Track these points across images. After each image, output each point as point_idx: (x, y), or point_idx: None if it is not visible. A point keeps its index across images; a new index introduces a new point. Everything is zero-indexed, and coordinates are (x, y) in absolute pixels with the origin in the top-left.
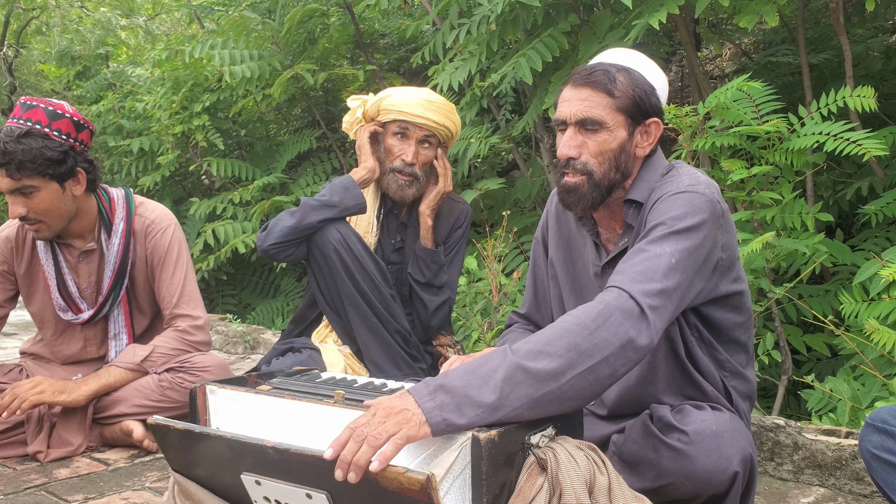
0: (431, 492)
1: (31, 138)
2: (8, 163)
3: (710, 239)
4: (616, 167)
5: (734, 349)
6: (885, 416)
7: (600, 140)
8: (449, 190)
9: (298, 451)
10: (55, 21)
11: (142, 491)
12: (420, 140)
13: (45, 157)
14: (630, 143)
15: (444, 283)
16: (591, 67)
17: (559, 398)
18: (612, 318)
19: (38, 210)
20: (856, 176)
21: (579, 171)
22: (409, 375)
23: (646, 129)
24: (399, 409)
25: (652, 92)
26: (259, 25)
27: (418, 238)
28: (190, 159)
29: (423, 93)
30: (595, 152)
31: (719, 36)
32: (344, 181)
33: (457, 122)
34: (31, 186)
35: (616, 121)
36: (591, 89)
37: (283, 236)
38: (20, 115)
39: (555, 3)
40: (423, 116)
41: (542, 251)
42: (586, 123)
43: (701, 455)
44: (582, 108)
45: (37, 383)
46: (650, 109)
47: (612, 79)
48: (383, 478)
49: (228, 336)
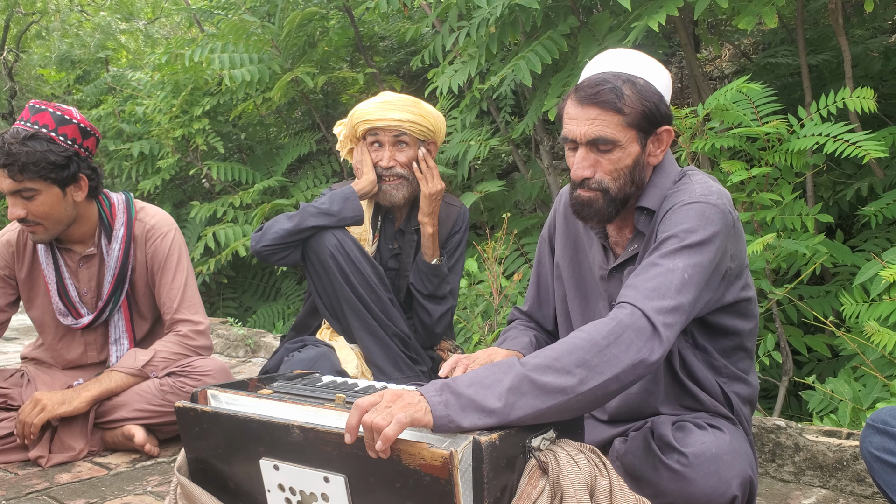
0: (453, 468)
1: (36, 141)
2: (11, 164)
3: (721, 250)
4: (631, 181)
5: (741, 356)
6: (885, 417)
7: (614, 158)
8: (436, 190)
9: (325, 429)
10: (55, 25)
11: (143, 495)
12: (392, 142)
13: (48, 161)
14: (643, 155)
15: (447, 293)
16: (596, 84)
17: (565, 410)
18: (623, 335)
19: (38, 213)
20: (856, 177)
21: (594, 189)
22: (410, 378)
23: (657, 138)
24: (406, 396)
25: (660, 100)
26: (258, 29)
27: (416, 245)
28: (190, 163)
29: (381, 96)
30: (609, 170)
31: (718, 37)
32: (345, 191)
33: (427, 116)
34: (33, 189)
35: (628, 137)
36: (599, 109)
37: (278, 239)
38: (28, 117)
39: (554, 5)
40: (384, 118)
41: (547, 250)
42: (598, 143)
43: (700, 478)
44: (592, 128)
45: (36, 403)
46: (661, 118)
47: (620, 95)
48: (406, 454)
49: (229, 340)
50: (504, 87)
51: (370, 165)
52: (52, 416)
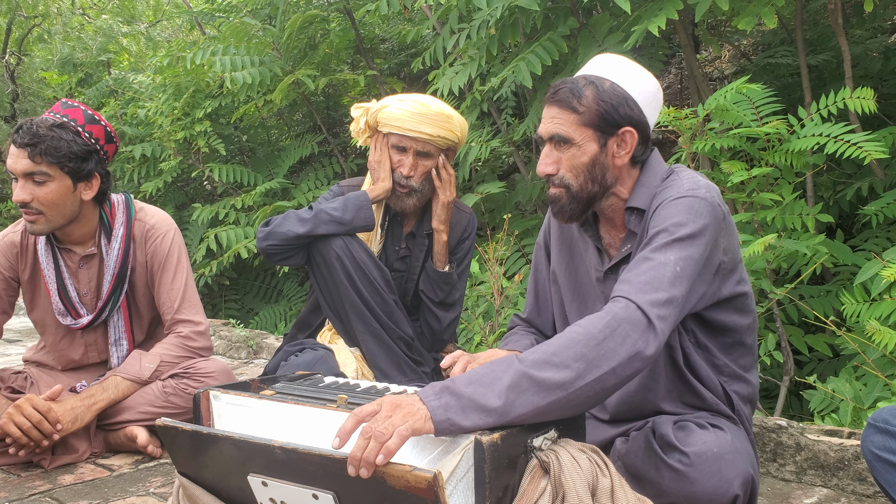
0: (438, 490)
1: (62, 130)
2: (34, 144)
3: (711, 243)
4: (592, 179)
5: (741, 352)
6: (887, 416)
7: (570, 155)
8: (452, 198)
9: (306, 450)
10: (57, 29)
11: (146, 497)
12: (417, 152)
13: (70, 150)
14: (603, 154)
15: (456, 300)
16: (558, 85)
17: (564, 406)
18: (619, 329)
19: (44, 201)
20: (856, 176)
21: (558, 185)
22: (413, 380)
23: (621, 139)
24: (405, 404)
25: (622, 102)
26: (260, 31)
27: (426, 249)
28: (192, 165)
29: (415, 105)
30: (569, 167)
31: (718, 38)
32: (360, 199)
33: (456, 130)
34: (46, 175)
35: (583, 136)
36: (557, 107)
37: (286, 241)
38: (59, 110)
39: (554, 7)
40: (416, 130)
41: (543, 256)
42: (555, 140)
43: (701, 478)
44: (551, 125)
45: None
46: (620, 119)
47: (578, 94)
48: (390, 476)
49: (231, 341)
50: (504, 88)
51: (388, 170)
52: (65, 433)
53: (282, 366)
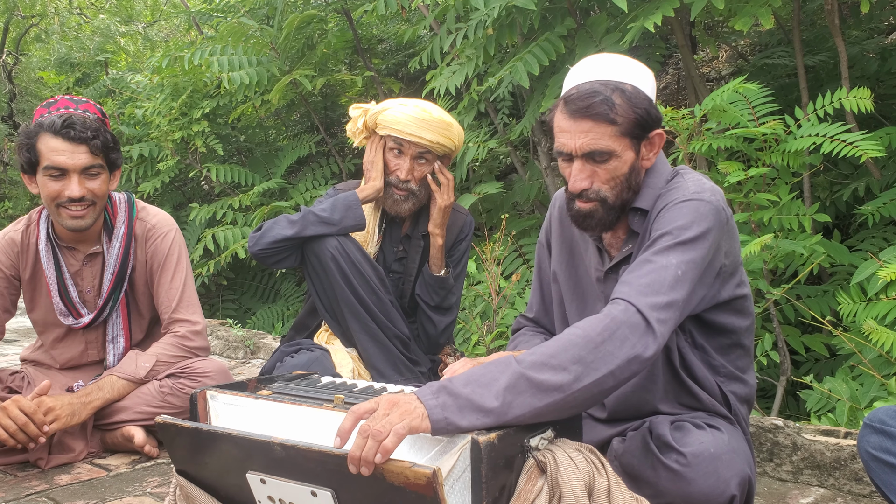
0: (437, 486)
1: (101, 124)
2: (94, 138)
3: (714, 247)
4: (628, 187)
5: (739, 353)
6: (883, 416)
7: (611, 168)
8: (450, 203)
9: (305, 447)
10: (54, 28)
11: (143, 496)
12: (415, 156)
13: (115, 143)
14: (637, 160)
15: (453, 303)
16: (587, 96)
17: (562, 408)
18: (618, 332)
19: (98, 192)
20: (852, 177)
21: (592, 199)
22: (409, 380)
23: (650, 142)
24: (402, 403)
25: (650, 104)
26: (257, 32)
27: (422, 251)
28: (189, 165)
29: (417, 110)
30: (606, 179)
31: (715, 38)
32: (349, 199)
33: (454, 138)
34: (100, 167)
35: (623, 146)
36: (592, 121)
37: (276, 243)
38: (73, 107)
39: (551, 7)
40: (416, 135)
41: (546, 254)
42: (594, 156)
43: (698, 478)
44: (587, 141)
45: (48, 410)
46: (652, 123)
47: (612, 105)
48: (389, 472)
49: (229, 341)
50: (502, 88)
51: (380, 171)
52: (63, 427)
53: (278, 366)
